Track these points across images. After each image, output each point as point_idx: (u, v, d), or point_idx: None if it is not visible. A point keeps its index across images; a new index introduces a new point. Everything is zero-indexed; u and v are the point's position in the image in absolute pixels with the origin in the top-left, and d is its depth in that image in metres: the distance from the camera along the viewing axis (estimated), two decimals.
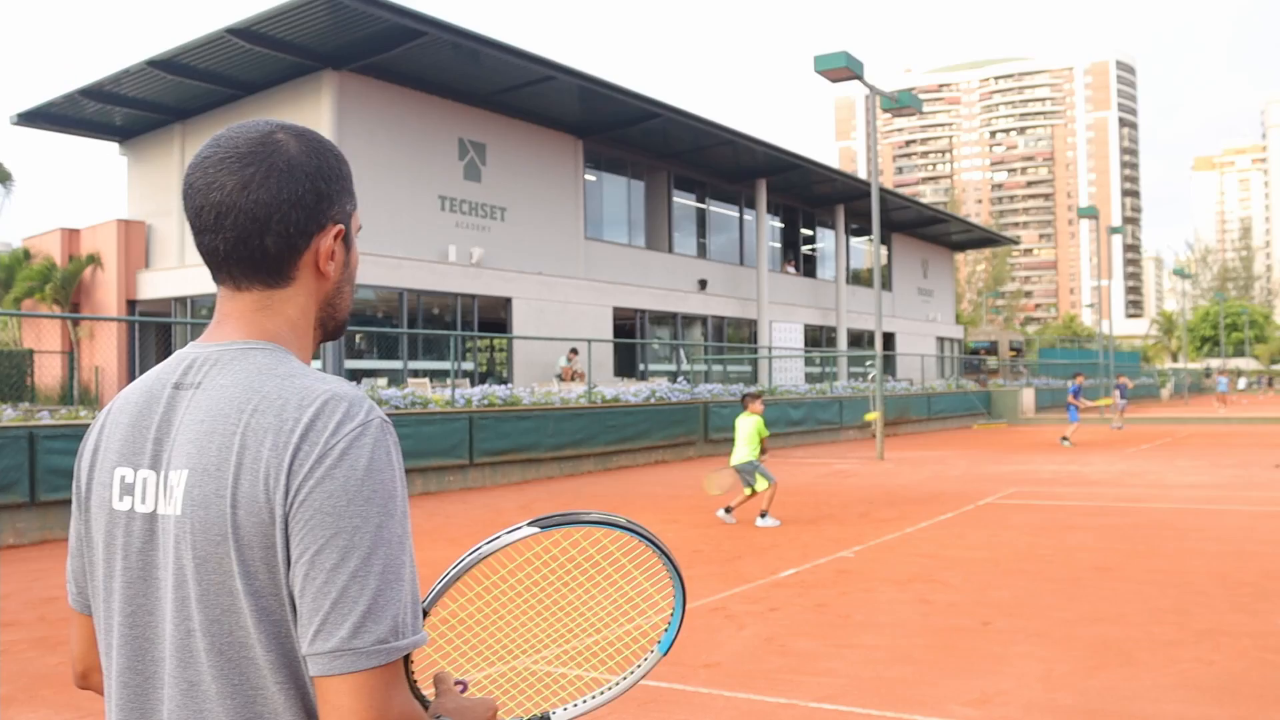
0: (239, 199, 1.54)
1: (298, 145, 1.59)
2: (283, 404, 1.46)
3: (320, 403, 1.45)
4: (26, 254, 31.88)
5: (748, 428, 13.99)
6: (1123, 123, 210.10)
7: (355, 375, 24.85)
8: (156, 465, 1.53)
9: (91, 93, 26.39)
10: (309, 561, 1.39)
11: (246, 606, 1.44)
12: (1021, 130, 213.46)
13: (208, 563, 1.45)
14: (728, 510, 14.12)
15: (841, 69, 23.60)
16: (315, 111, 24.74)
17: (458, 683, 1.73)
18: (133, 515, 1.54)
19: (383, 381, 23.38)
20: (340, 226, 1.62)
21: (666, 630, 1.92)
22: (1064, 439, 28.74)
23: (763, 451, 13.96)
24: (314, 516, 1.40)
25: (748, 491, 13.94)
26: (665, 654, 1.92)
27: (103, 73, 26.09)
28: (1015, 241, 71.14)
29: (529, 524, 1.74)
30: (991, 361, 60.79)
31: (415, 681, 1.72)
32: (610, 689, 1.88)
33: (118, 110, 27.57)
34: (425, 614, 1.73)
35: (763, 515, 13.84)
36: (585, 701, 1.87)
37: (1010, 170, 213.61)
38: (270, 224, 1.55)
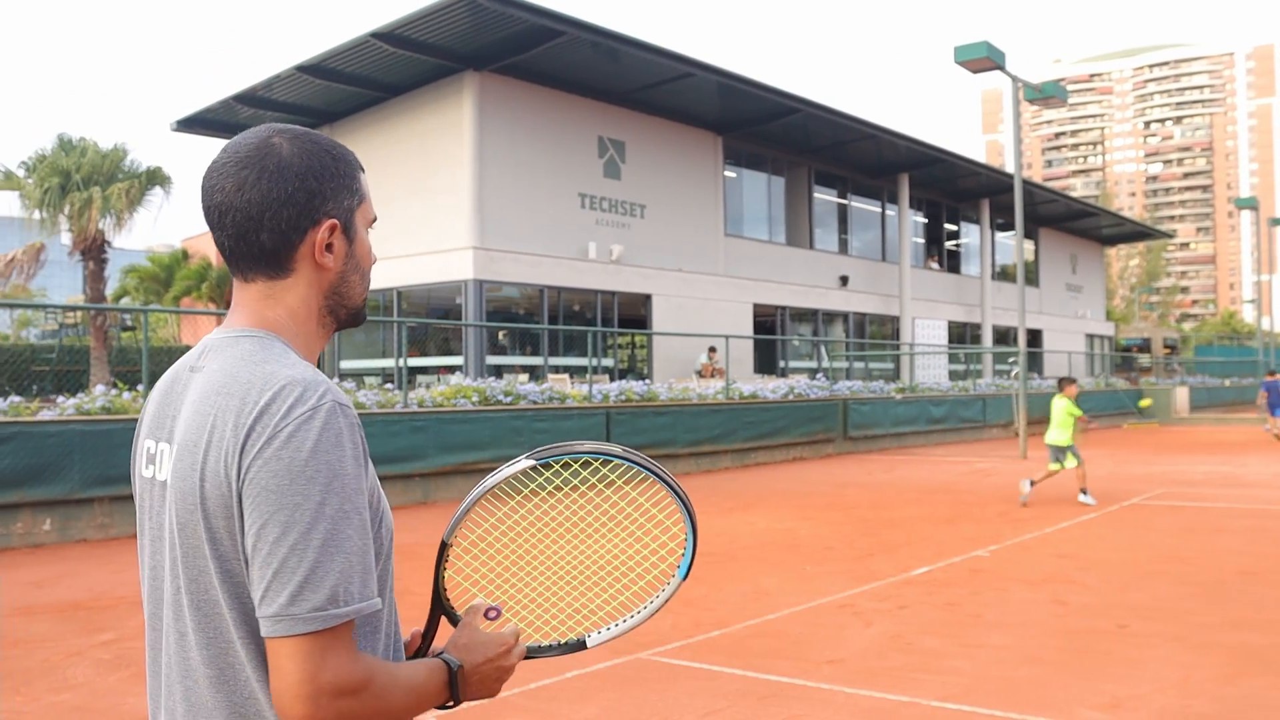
0: (235, 199, 1.69)
1: (290, 147, 1.71)
2: (248, 388, 1.59)
3: (278, 388, 1.57)
4: (185, 254, 33.19)
5: (1059, 410, 15.48)
6: None
7: (496, 370, 25.23)
8: (170, 439, 1.70)
9: (245, 98, 27.26)
10: (256, 534, 1.52)
11: (213, 569, 1.59)
12: (1178, 120, 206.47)
13: (185, 528, 1.62)
14: (1031, 483, 15.40)
15: (983, 59, 23.17)
16: (457, 112, 25.18)
17: (491, 609, 1.89)
18: (153, 483, 1.73)
19: (523, 377, 23.69)
20: (333, 221, 1.72)
21: (683, 555, 2.02)
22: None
23: (1078, 430, 15.55)
24: (260, 493, 1.52)
25: (1054, 468, 15.38)
26: (684, 579, 2.02)
27: (255, 79, 26.93)
28: (1170, 235, 68.88)
29: (526, 457, 1.91)
30: (1144, 359, 58.98)
31: (453, 607, 1.94)
32: (637, 614, 2.04)
33: (269, 114, 28.40)
34: (446, 545, 1.91)
35: (1083, 492, 15.28)
36: (615, 626, 2.03)
37: (1166, 161, 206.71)
38: (264, 221, 1.69)
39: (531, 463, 1.91)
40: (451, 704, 1.77)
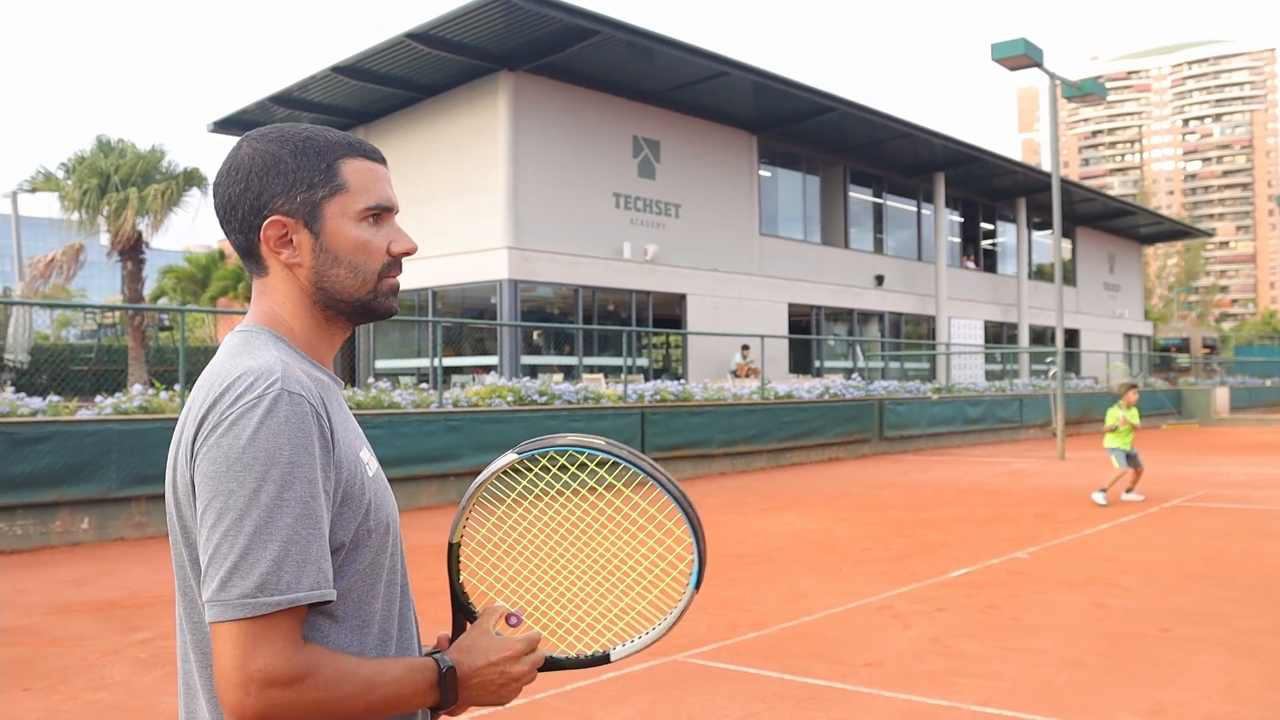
0: (213, 204, 1.80)
1: (249, 148, 1.77)
2: (214, 380, 1.64)
3: (234, 377, 1.61)
4: (221, 255, 33.39)
5: (1112, 416, 15.59)
6: None
7: (531, 370, 25.24)
8: None
9: (281, 99, 27.40)
10: (198, 518, 1.58)
11: (185, 555, 1.67)
12: (1217, 117, 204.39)
13: (172, 517, 1.70)
14: (1129, 490, 15.81)
15: (1020, 57, 22.97)
16: (492, 112, 25.21)
17: (511, 615, 1.89)
18: None
19: (558, 377, 23.67)
20: (276, 218, 1.74)
21: (693, 562, 1.95)
22: None
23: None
24: (203, 480, 1.57)
25: (1119, 469, 15.52)
26: (697, 589, 1.94)
27: (291, 80, 27.05)
28: (1209, 234, 68.26)
29: (512, 451, 1.92)
30: (1183, 359, 58.40)
31: (475, 608, 1.95)
32: (658, 627, 1.97)
33: (305, 115, 28.52)
34: (452, 545, 1.94)
35: (1101, 491, 15.23)
36: (639, 639, 1.97)
37: (1205, 159, 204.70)
38: (227, 222, 1.78)
39: (516, 456, 1.91)
40: (443, 707, 1.74)
